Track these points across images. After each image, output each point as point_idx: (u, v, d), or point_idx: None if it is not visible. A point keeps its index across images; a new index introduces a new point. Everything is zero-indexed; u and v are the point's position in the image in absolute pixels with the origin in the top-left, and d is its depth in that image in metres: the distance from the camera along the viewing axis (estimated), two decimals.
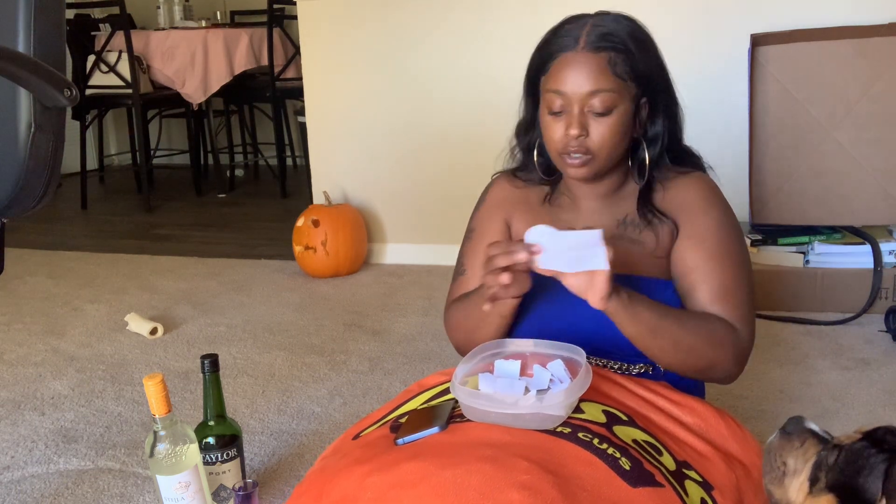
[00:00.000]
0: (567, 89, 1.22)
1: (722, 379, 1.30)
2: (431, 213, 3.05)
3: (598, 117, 1.22)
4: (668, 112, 1.30)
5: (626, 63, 1.22)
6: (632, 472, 0.99)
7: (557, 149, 1.26)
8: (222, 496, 1.45)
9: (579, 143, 1.23)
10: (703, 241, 1.28)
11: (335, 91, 3.11)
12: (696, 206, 1.30)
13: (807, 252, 2.42)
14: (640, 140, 1.31)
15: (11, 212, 1.24)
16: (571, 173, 1.28)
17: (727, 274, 1.27)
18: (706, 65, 2.68)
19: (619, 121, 1.23)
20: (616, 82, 1.22)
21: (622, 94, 1.23)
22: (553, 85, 1.24)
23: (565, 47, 1.23)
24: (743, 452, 1.20)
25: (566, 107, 1.23)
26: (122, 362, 2.22)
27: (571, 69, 1.22)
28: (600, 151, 1.24)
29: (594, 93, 1.21)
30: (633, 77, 1.23)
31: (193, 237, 3.70)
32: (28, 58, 1.14)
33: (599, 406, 1.13)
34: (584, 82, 1.21)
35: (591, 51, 1.21)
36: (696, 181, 1.33)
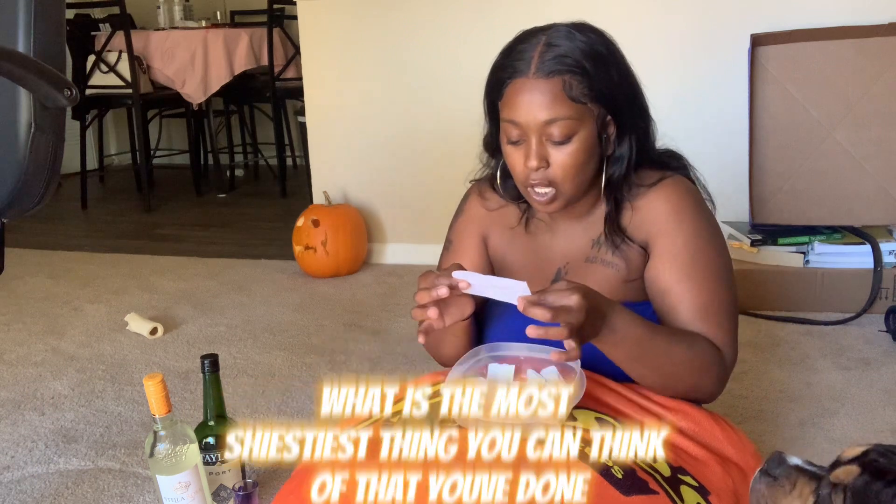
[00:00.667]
0: (522, 119, 1.15)
1: (703, 399, 1.24)
2: (431, 213, 3.05)
3: (558, 146, 1.15)
4: (634, 127, 1.21)
5: (583, 84, 1.14)
6: (624, 481, 0.98)
7: (521, 180, 1.20)
8: (222, 496, 1.45)
9: (541, 176, 1.16)
10: (674, 260, 1.20)
11: (335, 91, 3.11)
12: (665, 221, 1.21)
13: (807, 252, 2.41)
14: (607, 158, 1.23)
15: (11, 212, 1.24)
16: (540, 210, 1.22)
17: (705, 292, 1.19)
18: (706, 65, 2.68)
19: (581, 147, 1.15)
20: (573, 108, 1.13)
21: (581, 119, 1.15)
22: (508, 114, 1.17)
23: (517, 72, 1.16)
24: (738, 455, 1.20)
25: (523, 136, 1.16)
26: (122, 362, 2.22)
27: (524, 97, 1.14)
28: (564, 182, 1.17)
29: (550, 122, 1.13)
30: (592, 98, 1.15)
31: (193, 237, 3.70)
32: (28, 58, 1.14)
33: (592, 413, 1.12)
34: (539, 111, 1.13)
35: (544, 76, 1.13)
36: (665, 194, 1.23)
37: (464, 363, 1.16)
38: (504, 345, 1.20)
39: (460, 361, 1.15)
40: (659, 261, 1.22)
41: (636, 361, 1.14)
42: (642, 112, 1.24)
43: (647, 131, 1.25)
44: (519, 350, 1.18)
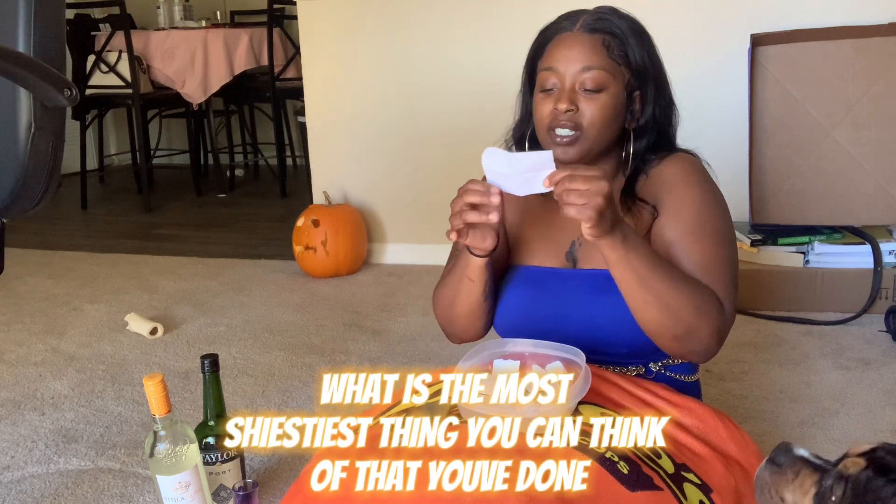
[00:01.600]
0: (560, 66, 1.23)
1: (699, 352, 1.23)
2: (431, 213, 3.05)
3: (589, 94, 1.22)
4: (660, 109, 1.29)
5: (621, 48, 1.23)
6: (630, 476, 0.99)
7: (546, 123, 1.25)
8: (222, 496, 1.45)
9: (568, 118, 1.22)
10: (680, 216, 1.25)
11: (335, 91, 3.11)
12: (674, 182, 1.28)
13: (807, 252, 2.41)
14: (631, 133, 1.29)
15: (11, 212, 1.24)
16: (559, 152, 1.25)
17: (707, 249, 1.24)
18: (706, 65, 2.68)
19: (610, 102, 1.23)
20: (609, 62, 1.22)
21: (614, 76, 1.23)
22: (547, 63, 1.25)
23: (562, 29, 1.26)
24: (741, 454, 1.20)
25: (558, 83, 1.23)
26: (122, 362, 2.22)
27: (566, 47, 1.24)
28: (590, 129, 1.23)
29: (586, 69, 1.22)
30: (626, 63, 1.24)
31: (193, 237, 3.70)
32: (28, 58, 1.14)
33: (597, 408, 1.13)
34: (578, 58, 1.22)
35: (588, 31, 1.24)
36: (677, 160, 1.30)
37: (469, 359, 1.16)
38: (509, 340, 1.21)
39: (465, 357, 1.16)
40: (665, 217, 1.27)
41: (641, 284, 1.16)
42: (668, 98, 1.31)
43: (670, 119, 1.32)
44: (524, 346, 1.19)
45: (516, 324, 1.33)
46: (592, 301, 1.26)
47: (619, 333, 1.26)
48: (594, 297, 1.27)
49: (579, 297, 1.27)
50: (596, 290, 1.27)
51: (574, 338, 1.24)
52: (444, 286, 1.36)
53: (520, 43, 1.32)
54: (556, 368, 1.15)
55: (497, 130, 1.41)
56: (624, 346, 1.26)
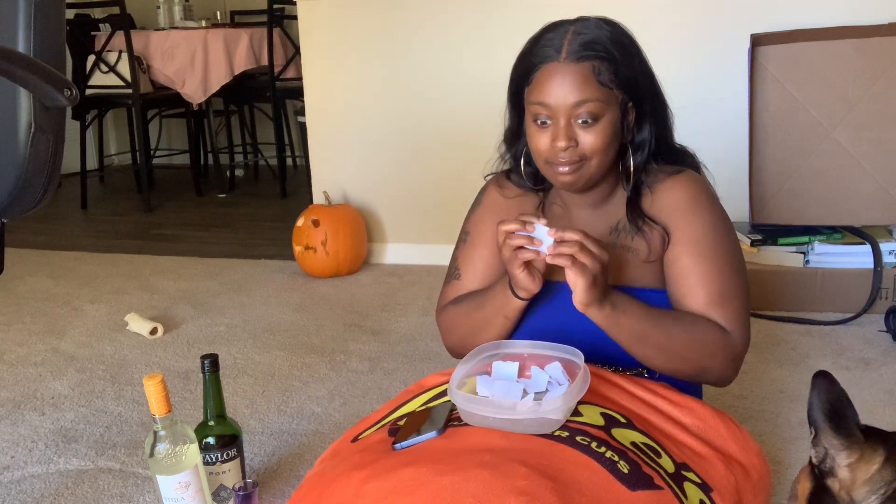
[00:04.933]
0: (552, 101, 1.20)
1: (716, 382, 1.30)
2: (431, 213, 3.05)
3: (586, 127, 1.20)
4: (655, 116, 1.28)
5: (611, 70, 1.20)
6: (630, 476, 0.99)
7: (545, 158, 1.24)
8: (222, 496, 1.45)
9: (569, 154, 1.21)
10: (696, 245, 1.26)
11: (335, 91, 3.11)
12: (686, 208, 1.27)
13: (807, 252, 2.41)
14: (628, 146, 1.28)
15: (11, 212, 1.24)
16: (561, 182, 1.25)
17: (723, 278, 1.25)
18: (706, 65, 2.68)
19: (607, 129, 1.21)
20: (602, 91, 1.19)
21: (609, 103, 1.20)
22: (537, 97, 1.21)
23: (547, 58, 1.21)
24: (742, 453, 1.20)
25: (552, 118, 1.21)
26: (122, 362, 2.22)
27: (555, 80, 1.19)
28: (592, 157, 1.22)
29: (580, 103, 1.19)
30: (618, 84, 1.21)
31: (193, 237, 3.70)
32: (28, 58, 1.14)
33: (597, 409, 1.13)
34: (570, 93, 1.19)
35: (574, 60, 1.19)
36: (685, 182, 1.30)
37: (468, 361, 1.16)
38: (508, 342, 1.21)
39: (464, 360, 1.16)
40: (679, 245, 1.27)
41: (639, 341, 1.18)
42: (661, 102, 1.30)
43: (665, 121, 1.31)
44: (523, 347, 1.19)
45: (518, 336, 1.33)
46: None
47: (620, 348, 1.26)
48: None
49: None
50: None
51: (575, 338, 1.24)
52: (468, 318, 1.35)
53: (520, 43, 1.31)
54: (554, 369, 1.15)
55: (496, 130, 1.40)
56: (629, 360, 1.27)
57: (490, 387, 1.12)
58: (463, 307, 1.37)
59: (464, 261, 1.42)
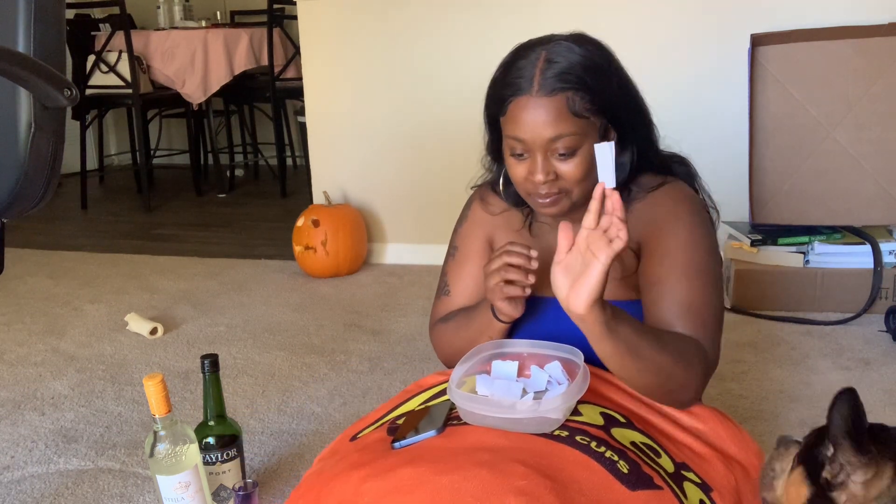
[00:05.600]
0: (527, 136, 1.15)
1: (684, 402, 1.20)
2: (431, 213, 3.05)
3: (563, 159, 1.16)
4: (636, 133, 1.23)
5: (586, 100, 1.14)
6: (630, 476, 0.99)
7: (525, 189, 1.21)
8: (222, 496, 1.45)
9: (548, 187, 1.18)
10: (668, 255, 1.21)
11: (335, 91, 3.11)
12: (664, 220, 1.23)
13: (807, 252, 2.41)
14: None
15: (11, 212, 1.24)
16: (543, 213, 1.23)
17: (694, 290, 1.19)
18: (706, 65, 2.68)
19: (586, 159, 1.16)
20: (577, 123, 1.14)
21: (586, 133, 1.15)
22: (512, 131, 1.17)
23: (519, 90, 1.15)
24: (741, 453, 1.20)
25: (528, 152, 1.17)
26: (122, 362, 2.22)
27: (529, 115, 1.14)
28: (573, 188, 1.18)
29: (556, 138, 1.14)
30: (595, 111, 1.15)
31: (193, 237, 3.70)
32: (28, 58, 1.14)
33: (597, 408, 1.13)
34: (544, 129, 1.14)
35: (547, 94, 1.13)
36: (663, 197, 1.25)
37: (467, 361, 1.16)
38: (507, 342, 1.21)
39: (463, 359, 1.16)
40: (650, 257, 1.23)
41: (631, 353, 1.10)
42: (643, 119, 1.25)
43: (648, 137, 1.26)
44: (522, 346, 1.19)
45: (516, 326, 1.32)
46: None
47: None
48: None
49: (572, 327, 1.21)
50: None
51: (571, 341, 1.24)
52: (456, 337, 1.34)
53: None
54: (554, 368, 1.15)
55: None
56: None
57: (489, 386, 1.12)
58: (451, 325, 1.35)
59: (453, 276, 1.40)
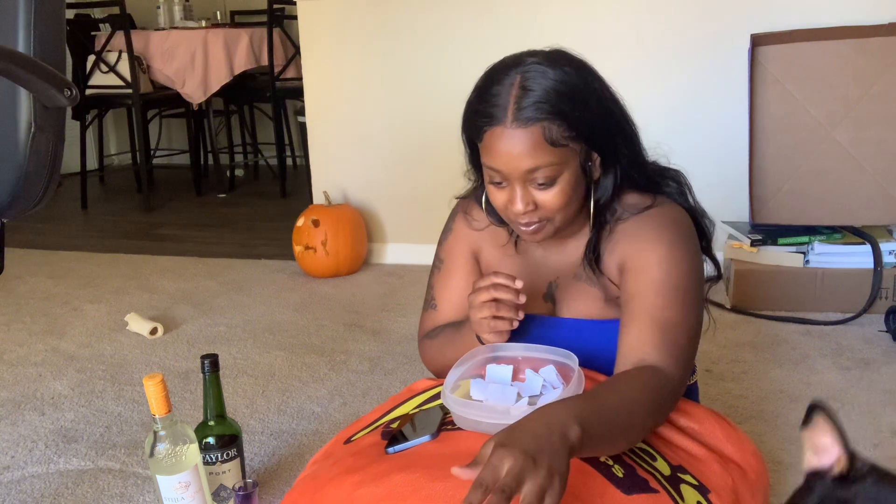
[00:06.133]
0: (504, 168, 1.12)
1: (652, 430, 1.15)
2: (431, 213, 3.04)
3: (543, 188, 1.13)
4: (618, 154, 1.19)
5: (563, 128, 1.10)
6: (625, 480, 0.98)
7: (507, 216, 1.19)
8: (222, 496, 1.45)
9: (528, 217, 1.15)
10: (645, 271, 1.18)
11: (335, 91, 3.11)
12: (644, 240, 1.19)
13: (807, 252, 2.41)
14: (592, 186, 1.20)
15: (11, 212, 1.24)
16: (526, 239, 1.22)
17: (668, 308, 1.15)
18: (706, 65, 2.68)
19: (566, 187, 1.13)
20: (555, 153, 1.10)
21: (565, 161, 1.12)
22: (489, 161, 1.14)
23: (494, 119, 1.11)
24: (738, 454, 1.20)
25: (507, 181, 1.14)
26: (122, 362, 2.22)
27: (505, 146, 1.10)
28: (555, 216, 1.16)
29: (533, 170, 1.11)
30: (573, 138, 1.11)
31: (193, 237, 3.70)
32: (28, 58, 1.14)
33: None
34: (521, 161, 1.10)
35: (522, 125, 1.09)
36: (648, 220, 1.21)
37: (462, 364, 1.16)
38: (501, 345, 1.20)
39: (458, 363, 1.15)
40: (628, 273, 1.20)
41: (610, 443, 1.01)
42: (625, 137, 1.20)
43: (633, 157, 1.22)
44: (517, 350, 1.18)
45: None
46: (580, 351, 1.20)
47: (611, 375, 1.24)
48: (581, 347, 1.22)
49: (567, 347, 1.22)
50: (583, 340, 1.24)
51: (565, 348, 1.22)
52: (442, 354, 1.32)
53: (520, 44, 1.31)
54: (549, 372, 1.14)
55: None
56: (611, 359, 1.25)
57: (484, 390, 1.12)
58: (437, 342, 1.34)
59: (439, 290, 1.39)
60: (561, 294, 1.27)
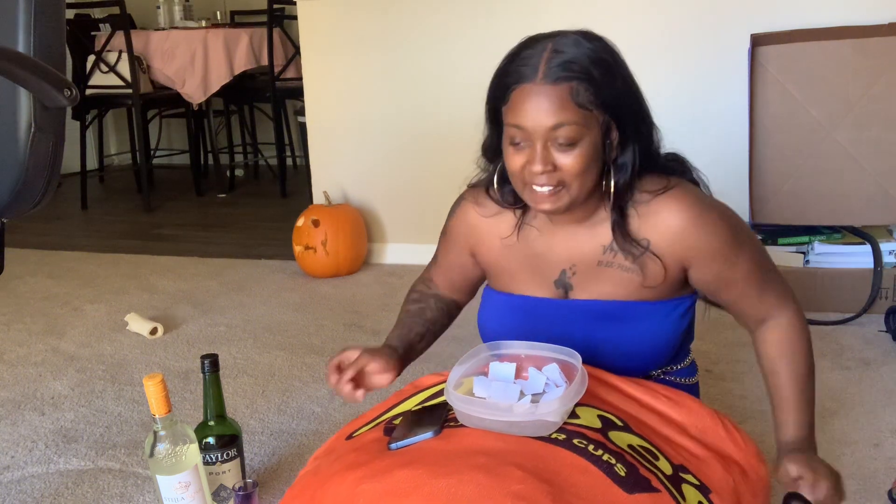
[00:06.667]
0: (528, 124, 1.13)
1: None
2: (431, 213, 3.04)
3: (564, 150, 1.14)
4: (638, 135, 1.21)
5: (590, 92, 1.13)
6: (627, 479, 0.98)
7: (522, 179, 1.19)
8: (222, 496, 1.45)
9: (547, 177, 1.15)
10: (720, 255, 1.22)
11: (335, 91, 3.11)
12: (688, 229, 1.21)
13: (807, 252, 2.41)
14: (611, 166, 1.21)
15: (11, 212, 1.24)
16: (539, 208, 1.20)
17: (757, 266, 1.26)
18: (707, 65, 2.68)
19: (586, 152, 1.15)
20: (580, 113, 1.13)
21: (588, 125, 1.14)
22: (513, 119, 1.15)
23: (524, 77, 1.14)
24: (740, 454, 1.20)
25: (528, 141, 1.15)
26: (122, 362, 2.22)
27: (531, 102, 1.13)
28: (572, 182, 1.16)
29: (557, 126, 1.12)
30: (598, 105, 1.14)
31: (193, 237, 3.70)
32: (28, 58, 1.14)
33: (595, 411, 1.12)
34: (546, 116, 1.12)
35: (551, 82, 1.12)
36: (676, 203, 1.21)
37: (465, 362, 1.16)
38: (505, 343, 1.20)
39: (461, 361, 1.16)
40: (703, 262, 1.23)
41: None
42: (645, 120, 1.23)
43: (650, 138, 1.23)
44: (520, 348, 1.18)
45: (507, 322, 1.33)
46: (590, 332, 1.24)
47: (616, 361, 1.25)
48: (592, 328, 1.25)
49: (576, 328, 1.25)
50: (594, 320, 1.25)
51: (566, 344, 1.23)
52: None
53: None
54: (552, 370, 1.15)
55: None
56: (623, 371, 1.26)
57: (487, 388, 1.12)
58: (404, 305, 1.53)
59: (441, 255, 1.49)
60: (578, 280, 1.27)
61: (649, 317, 1.25)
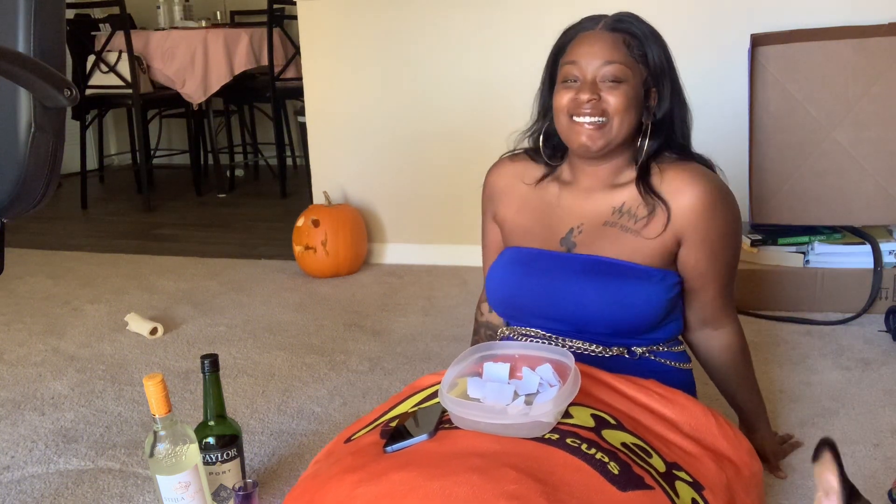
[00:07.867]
0: (582, 60, 1.30)
1: None
2: (431, 213, 3.05)
3: (611, 85, 1.29)
4: (674, 108, 1.35)
5: (640, 48, 1.31)
6: (620, 477, 0.99)
7: (568, 110, 1.31)
8: (222, 496, 1.45)
9: (591, 106, 1.29)
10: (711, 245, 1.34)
11: (335, 91, 3.11)
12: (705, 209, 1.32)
13: (807, 252, 2.42)
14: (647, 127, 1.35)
15: (11, 212, 1.24)
16: (580, 142, 1.31)
17: (728, 274, 1.40)
18: (706, 65, 2.68)
19: (630, 93, 1.30)
20: (628, 58, 1.30)
21: (633, 71, 1.30)
22: (569, 58, 1.33)
23: (585, 28, 1.34)
24: (733, 451, 1.20)
25: (580, 76, 1.31)
26: (122, 362, 2.23)
27: (588, 44, 1.31)
28: (614, 116, 1.29)
29: (608, 63, 1.29)
30: (644, 61, 1.31)
31: (193, 237, 3.70)
32: (28, 58, 1.14)
33: (588, 410, 1.13)
34: (599, 53, 1.29)
35: (609, 30, 1.32)
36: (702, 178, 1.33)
37: (459, 363, 1.16)
38: (499, 343, 1.21)
39: (456, 361, 1.16)
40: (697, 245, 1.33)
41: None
42: (680, 97, 1.37)
43: (683, 116, 1.38)
44: (514, 348, 1.19)
45: (504, 298, 1.40)
46: (581, 281, 1.31)
47: (604, 314, 1.30)
48: (584, 278, 1.32)
49: (568, 277, 1.33)
50: (586, 272, 1.32)
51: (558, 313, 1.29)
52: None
53: (520, 44, 1.33)
54: (545, 370, 1.15)
55: (496, 130, 1.42)
56: (606, 326, 1.31)
57: (481, 388, 1.12)
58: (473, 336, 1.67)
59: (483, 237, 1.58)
60: (584, 239, 1.36)
61: (639, 278, 1.30)
